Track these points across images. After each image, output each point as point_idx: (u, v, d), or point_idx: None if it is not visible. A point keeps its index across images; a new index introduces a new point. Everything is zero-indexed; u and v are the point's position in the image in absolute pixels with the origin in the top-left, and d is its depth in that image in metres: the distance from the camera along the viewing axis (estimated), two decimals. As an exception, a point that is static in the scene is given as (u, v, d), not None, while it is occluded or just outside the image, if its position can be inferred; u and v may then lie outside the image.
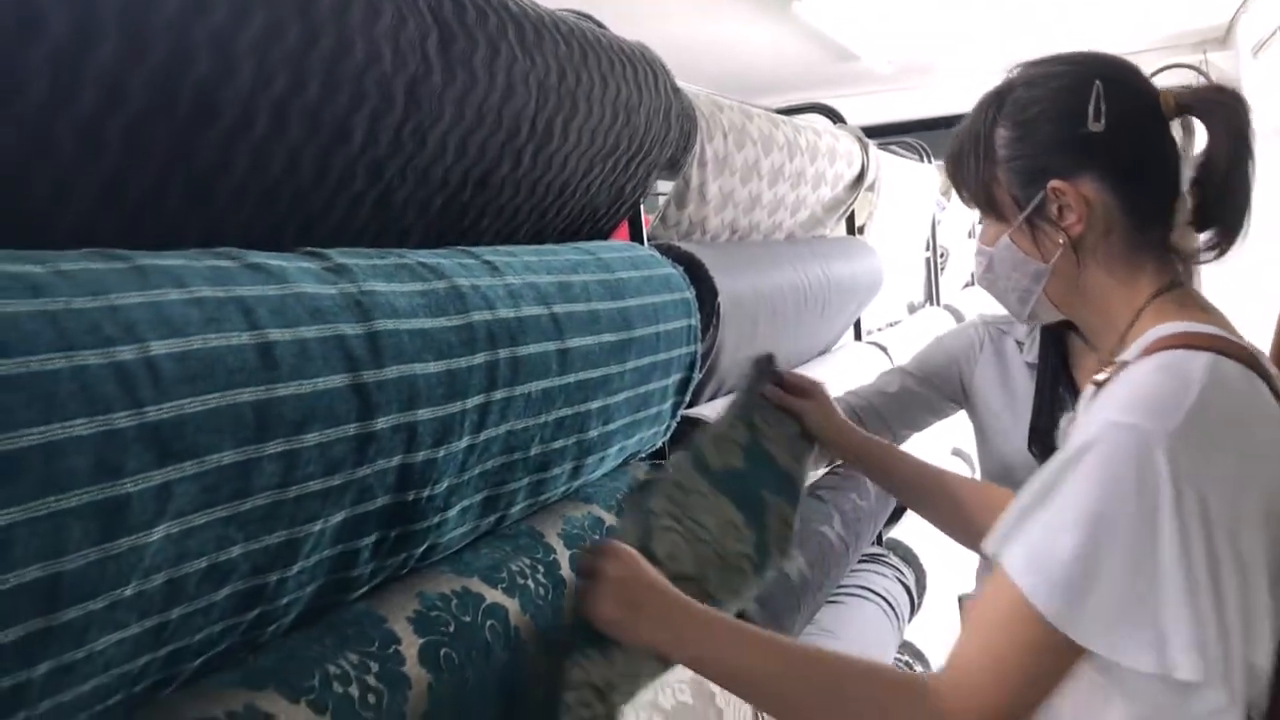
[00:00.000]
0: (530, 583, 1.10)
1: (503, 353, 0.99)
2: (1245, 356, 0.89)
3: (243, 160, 0.81)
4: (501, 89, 1.06)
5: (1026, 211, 1.01)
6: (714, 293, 1.70)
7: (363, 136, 0.91)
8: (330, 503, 0.79)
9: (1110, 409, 0.85)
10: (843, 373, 2.46)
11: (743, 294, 1.85)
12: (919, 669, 2.73)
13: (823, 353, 2.61)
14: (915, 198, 3.35)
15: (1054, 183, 0.98)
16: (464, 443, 0.95)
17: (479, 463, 1.00)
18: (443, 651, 0.94)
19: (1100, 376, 0.93)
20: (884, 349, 2.85)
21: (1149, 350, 0.90)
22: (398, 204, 1.01)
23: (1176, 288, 0.99)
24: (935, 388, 1.73)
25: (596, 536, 1.23)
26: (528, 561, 1.12)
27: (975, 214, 1.15)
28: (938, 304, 4.04)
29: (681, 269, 1.47)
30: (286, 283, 0.78)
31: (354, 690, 0.83)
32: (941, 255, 4.15)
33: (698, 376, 1.47)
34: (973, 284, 4.66)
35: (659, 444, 1.49)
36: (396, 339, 0.85)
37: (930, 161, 3.84)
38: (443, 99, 0.98)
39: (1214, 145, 0.95)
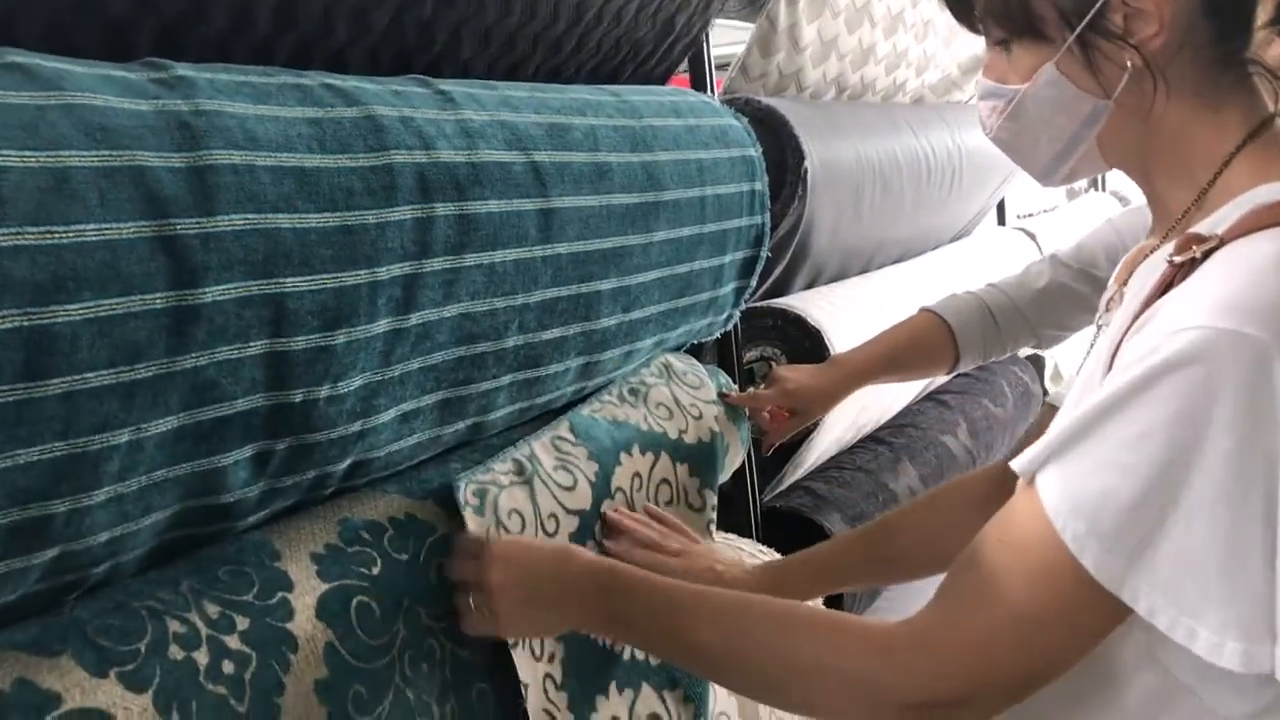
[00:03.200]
0: (509, 508, 0.86)
1: (442, 208, 0.74)
2: None
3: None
4: None
5: (1083, 24, 0.69)
6: (800, 155, 1.40)
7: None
8: (138, 403, 0.57)
9: (1203, 307, 0.57)
10: (978, 261, 2.13)
11: (843, 160, 1.54)
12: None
13: (956, 238, 2.26)
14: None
15: None
16: (381, 326, 0.71)
17: (416, 354, 0.76)
18: (356, 602, 0.72)
19: (1177, 257, 0.63)
20: (1032, 236, 2.48)
21: (1249, 224, 0.61)
22: (311, 14, 0.76)
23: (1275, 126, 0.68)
24: (1094, 282, 1.38)
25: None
26: (509, 481, 0.88)
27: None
28: (1104, 189, 3.56)
29: (745, 122, 1.19)
30: (55, 90, 0.54)
31: (200, 656, 0.62)
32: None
33: (767, 254, 1.19)
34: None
35: (716, 335, 1.23)
36: (245, 177, 0.61)
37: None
38: None
39: None
